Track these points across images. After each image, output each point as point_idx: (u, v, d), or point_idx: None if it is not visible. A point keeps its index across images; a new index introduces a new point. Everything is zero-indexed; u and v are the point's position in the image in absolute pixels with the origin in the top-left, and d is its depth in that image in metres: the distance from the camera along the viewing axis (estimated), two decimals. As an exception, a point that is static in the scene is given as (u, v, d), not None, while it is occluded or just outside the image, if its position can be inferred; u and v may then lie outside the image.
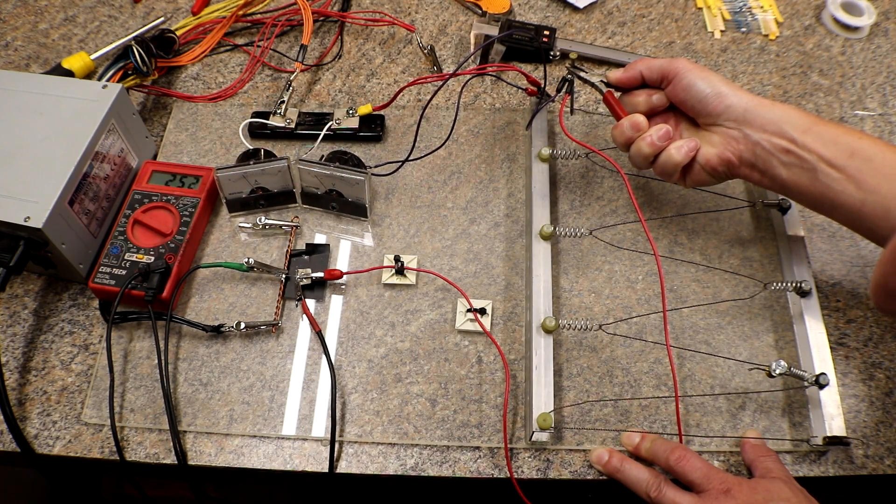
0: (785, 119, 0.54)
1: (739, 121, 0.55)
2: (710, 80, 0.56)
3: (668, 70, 0.58)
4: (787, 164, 0.54)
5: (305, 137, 0.73)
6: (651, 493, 0.52)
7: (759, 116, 0.55)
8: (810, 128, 0.53)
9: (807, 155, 0.53)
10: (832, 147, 0.52)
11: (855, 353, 0.62)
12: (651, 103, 0.60)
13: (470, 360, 0.60)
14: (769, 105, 0.55)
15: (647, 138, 0.58)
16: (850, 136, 0.53)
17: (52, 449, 0.56)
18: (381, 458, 0.56)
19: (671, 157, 0.57)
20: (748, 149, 0.55)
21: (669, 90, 0.59)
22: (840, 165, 0.52)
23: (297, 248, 0.66)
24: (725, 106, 0.56)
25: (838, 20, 0.84)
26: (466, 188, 0.70)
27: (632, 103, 0.61)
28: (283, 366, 0.60)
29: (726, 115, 0.56)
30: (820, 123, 0.54)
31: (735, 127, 0.56)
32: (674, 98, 0.59)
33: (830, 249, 0.67)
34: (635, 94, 0.61)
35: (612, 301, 0.64)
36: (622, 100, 0.62)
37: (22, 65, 0.80)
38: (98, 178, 0.63)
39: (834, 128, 0.53)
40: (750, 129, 0.55)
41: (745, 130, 0.55)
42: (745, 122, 0.55)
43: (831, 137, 0.53)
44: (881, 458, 0.57)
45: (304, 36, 0.78)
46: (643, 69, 0.59)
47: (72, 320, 0.62)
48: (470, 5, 0.86)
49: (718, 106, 0.56)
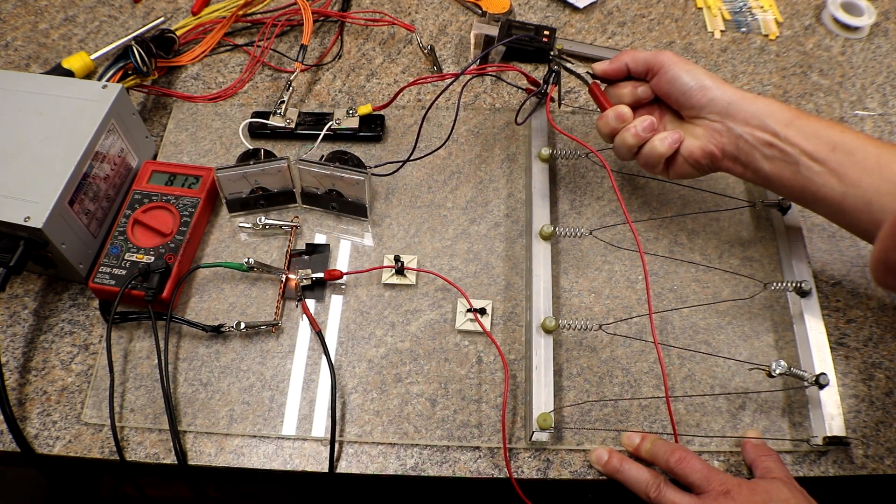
0: (767, 112, 0.54)
1: (722, 114, 0.56)
2: (694, 73, 0.57)
3: (653, 62, 0.58)
4: (769, 157, 0.55)
5: (305, 137, 0.73)
6: (651, 494, 0.52)
7: (741, 110, 0.55)
8: (792, 121, 0.54)
9: (789, 148, 0.53)
10: (814, 140, 0.53)
11: (855, 353, 0.62)
12: (636, 95, 0.60)
13: (470, 360, 0.60)
14: (752, 98, 0.56)
15: (631, 129, 0.58)
16: (831, 130, 0.53)
17: (52, 449, 0.56)
18: (381, 458, 0.56)
19: (655, 149, 0.58)
20: (731, 142, 0.56)
21: (654, 82, 0.59)
22: (822, 159, 0.53)
23: (297, 248, 0.66)
24: (709, 99, 0.56)
25: (838, 20, 0.84)
26: (466, 188, 0.70)
27: (617, 95, 0.61)
28: (283, 366, 0.60)
29: (710, 108, 0.56)
30: (802, 117, 0.54)
31: (718, 120, 0.56)
32: (658, 90, 0.59)
33: (830, 249, 0.67)
34: (620, 86, 0.61)
35: (612, 301, 0.64)
36: (608, 92, 0.62)
37: (22, 65, 0.80)
38: (98, 178, 0.63)
39: (816, 121, 0.54)
40: (733, 122, 0.55)
41: (728, 124, 0.56)
42: (728, 115, 0.55)
43: (813, 131, 0.53)
44: (881, 458, 0.57)
45: (304, 36, 0.78)
46: (628, 61, 0.60)
47: (72, 320, 0.62)
48: (470, 5, 0.86)
49: (702, 99, 0.56)
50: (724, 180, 0.71)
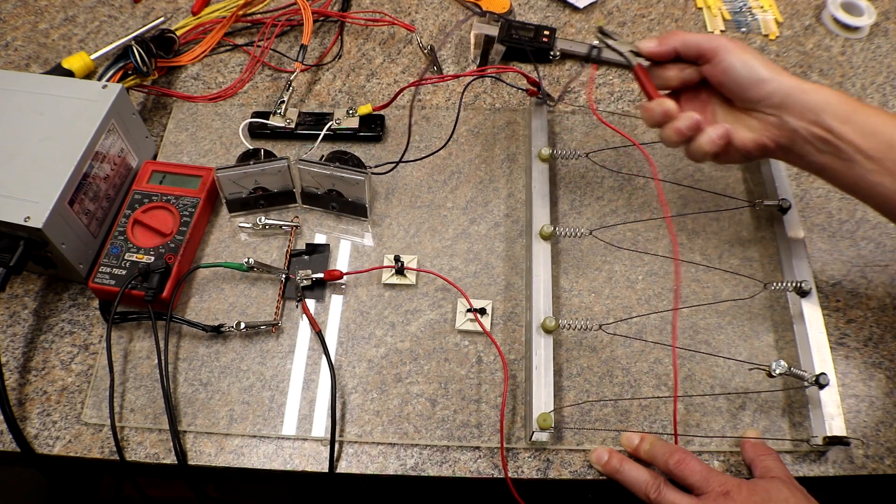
0: (824, 106, 0.53)
1: (778, 107, 0.54)
2: (749, 65, 0.54)
3: (706, 49, 0.55)
4: (823, 151, 0.53)
5: (305, 137, 0.73)
6: (651, 495, 0.52)
7: (798, 103, 0.53)
8: (850, 116, 0.52)
9: (844, 146, 0.52)
10: (871, 139, 0.52)
11: (855, 353, 0.62)
12: (682, 78, 0.57)
13: (470, 360, 0.60)
14: (809, 90, 0.53)
15: (675, 126, 0.55)
16: (890, 127, 0.52)
17: (52, 449, 0.56)
18: (381, 458, 0.56)
19: (701, 147, 0.56)
20: (785, 135, 0.54)
21: (707, 69, 0.56)
22: (877, 157, 0.51)
23: (297, 248, 0.66)
24: (765, 94, 0.54)
25: (838, 20, 0.84)
26: (466, 188, 0.70)
27: (662, 77, 0.58)
28: (283, 366, 0.60)
29: (765, 103, 0.54)
30: (860, 111, 0.52)
31: (774, 113, 0.54)
32: (710, 78, 0.56)
33: (830, 249, 0.67)
34: (667, 68, 0.57)
35: (612, 301, 0.64)
36: (651, 72, 0.58)
37: (22, 65, 0.80)
38: (98, 178, 0.63)
39: (875, 116, 0.52)
40: (788, 115, 0.53)
41: (783, 117, 0.54)
42: (784, 108, 0.53)
43: (871, 128, 0.52)
44: (881, 458, 0.57)
45: (304, 36, 0.78)
46: (678, 45, 0.56)
47: (72, 320, 0.62)
48: (470, 5, 0.86)
49: (758, 93, 0.54)
50: (724, 180, 0.71)
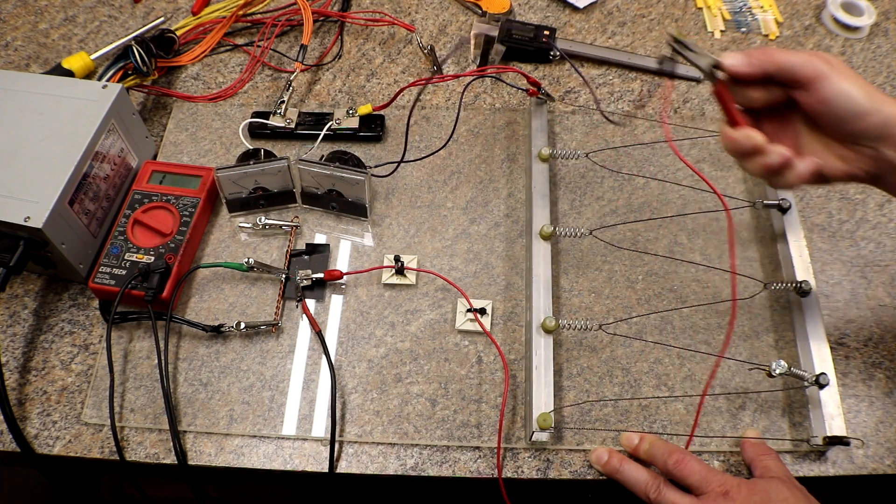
0: None
1: (876, 139, 0.50)
2: (849, 97, 0.49)
3: (803, 74, 0.49)
4: None
5: (305, 137, 0.73)
6: (650, 495, 0.52)
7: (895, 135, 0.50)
8: None
9: None
10: None
11: (855, 353, 0.62)
12: (769, 100, 0.52)
13: (470, 360, 0.60)
14: None
15: (764, 162, 0.50)
16: None
17: (52, 449, 0.56)
18: (381, 458, 0.56)
19: (787, 182, 0.51)
20: (878, 167, 0.51)
21: (800, 96, 0.50)
22: None
23: (297, 248, 0.66)
24: (864, 128, 0.49)
25: (838, 20, 0.84)
26: (466, 188, 0.70)
27: (745, 95, 0.52)
28: (283, 366, 0.60)
29: (864, 136, 0.50)
30: None
31: (871, 146, 0.50)
32: (804, 106, 0.51)
33: (830, 249, 0.67)
34: (751, 87, 0.52)
35: (612, 301, 0.64)
36: (732, 90, 0.52)
37: (22, 65, 0.80)
38: (98, 178, 0.63)
39: None
40: (884, 146, 0.49)
41: (879, 149, 0.50)
42: (881, 139, 0.49)
43: None
44: (881, 458, 0.57)
45: (304, 36, 0.78)
46: (770, 68, 0.50)
47: (72, 320, 0.62)
48: (470, 5, 0.86)
49: (857, 127, 0.50)
50: (725, 180, 0.71)
